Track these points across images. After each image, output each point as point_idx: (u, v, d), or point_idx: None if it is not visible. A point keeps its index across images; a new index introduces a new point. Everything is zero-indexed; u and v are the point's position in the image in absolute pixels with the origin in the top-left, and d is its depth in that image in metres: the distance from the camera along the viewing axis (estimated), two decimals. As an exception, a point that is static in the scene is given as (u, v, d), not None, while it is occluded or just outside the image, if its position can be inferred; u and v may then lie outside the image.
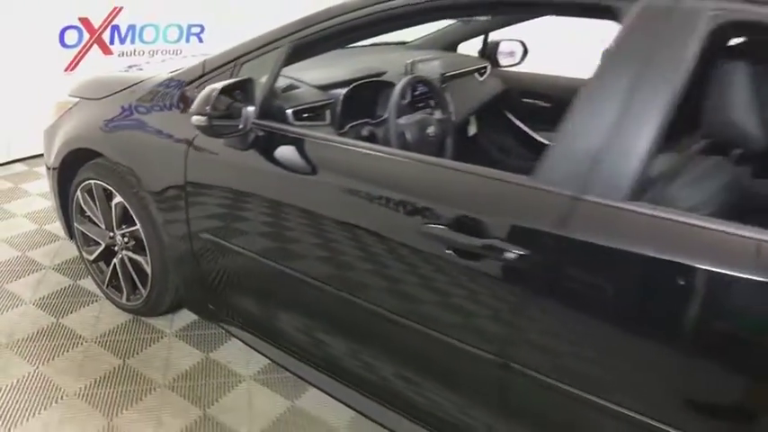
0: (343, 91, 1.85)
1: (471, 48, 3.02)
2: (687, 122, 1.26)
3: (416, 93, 2.14)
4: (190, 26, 4.18)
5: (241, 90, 1.50)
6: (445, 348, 1.32)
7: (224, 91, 1.44)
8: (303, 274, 1.55)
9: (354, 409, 1.61)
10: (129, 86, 1.99)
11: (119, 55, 3.85)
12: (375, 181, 1.38)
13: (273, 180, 1.57)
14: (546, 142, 2.60)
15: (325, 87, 1.88)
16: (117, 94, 2.01)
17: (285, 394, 1.87)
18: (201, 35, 4.27)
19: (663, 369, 1.07)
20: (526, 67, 2.97)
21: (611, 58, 1.15)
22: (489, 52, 2.89)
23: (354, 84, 1.87)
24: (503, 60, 2.91)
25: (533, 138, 2.76)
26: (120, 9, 3.76)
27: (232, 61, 1.68)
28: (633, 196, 1.07)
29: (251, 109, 1.52)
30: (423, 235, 1.26)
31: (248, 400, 1.84)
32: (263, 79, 1.57)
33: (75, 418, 1.73)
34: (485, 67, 2.81)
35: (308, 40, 1.54)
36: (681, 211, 1.05)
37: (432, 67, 2.34)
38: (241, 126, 1.50)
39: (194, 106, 1.44)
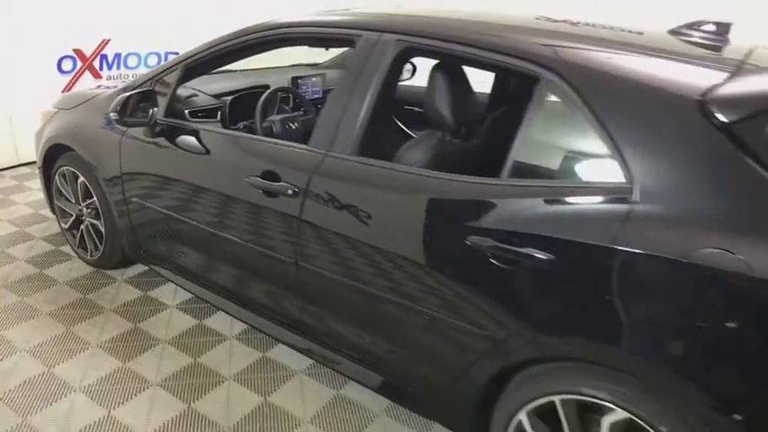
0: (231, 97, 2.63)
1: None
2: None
3: (297, 99, 2.91)
4: (167, 53, 5.02)
5: (146, 97, 2.28)
6: (270, 259, 2.05)
7: (129, 98, 2.21)
8: (197, 221, 2.30)
9: (238, 318, 2.34)
10: (90, 98, 2.78)
11: (107, 78, 4.70)
12: (234, 154, 2.14)
13: (173, 158, 2.34)
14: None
15: (218, 96, 2.65)
16: (82, 104, 2.81)
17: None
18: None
19: (390, 261, 1.74)
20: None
21: (347, 69, 1.90)
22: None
23: (238, 93, 2.65)
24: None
25: (410, 135, 3.48)
26: (108, 41, 4.63)
27: (150, 79, 2.46)
28: (357, 153, 1.80)
29: (156, 109, 2.30)
30: (247, 185, 2.01)
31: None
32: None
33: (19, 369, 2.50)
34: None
35: (193, 64, 2.32)
36: (389, 162, 1.77)
37: (313, 81, 3.13)
38: (147, 121, 2.28)
39: (111, 106, 2.23)
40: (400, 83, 3.63)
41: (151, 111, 2.30)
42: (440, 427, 1.95)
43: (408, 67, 3.74)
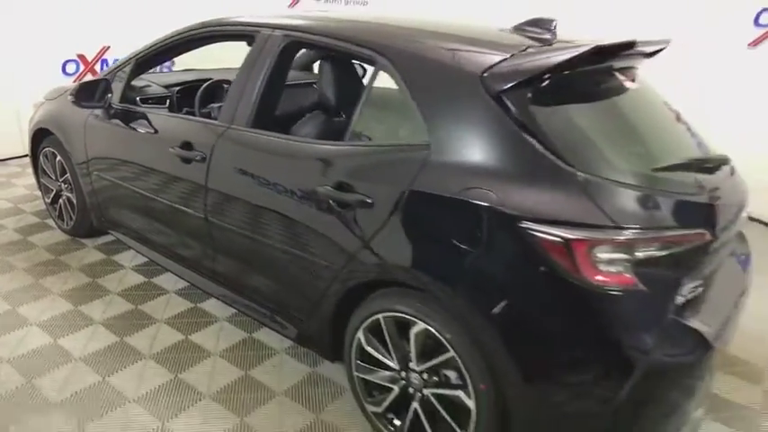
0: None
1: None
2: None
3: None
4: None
5: (101, 85, 2.74)
6: (189, 217, 2.47)
7: (85, 84, 2.68)
8: (139, 189, 2.74)
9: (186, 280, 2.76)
10: (68, 90, 3.27)
11: (106, 80, 5.24)
12: (165, 130, 2.58)
13: (123, 136, 2.79)
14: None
15: (168, 86, 3.11)
16: (62, 95, 3.30)
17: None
18: (172, 68, 5.63)
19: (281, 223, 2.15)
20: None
21: (248, 57, 2.31)
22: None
23: (183, 85, 3.10)
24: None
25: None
26: (108, 47, 5.18)
27: (111, 71, 2.92)
28: (252, 125, 2.21)
29: (110, 95, 2.76)
30: (171, 154, 2.43)
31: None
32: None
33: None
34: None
35: (143, 59, 2.79)
36: (275, 133, 2.17)
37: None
38: (101, 104, 2.74)
39: (71, 91, 2.69)
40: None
41: (106, 96, 2.76)
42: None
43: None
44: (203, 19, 2.55)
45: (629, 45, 1.77)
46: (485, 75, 1.70)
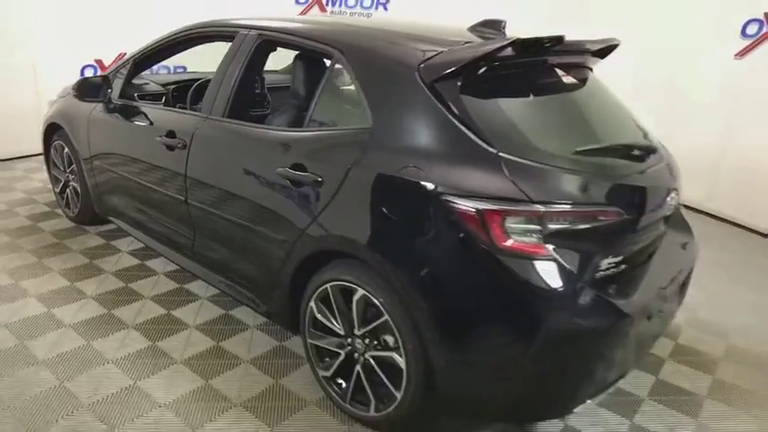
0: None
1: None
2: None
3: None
4: (176, 67, 5.87)
5: (103, 81, 3.01)
6: (172, 200, 2.70)
7: (85, 80, 2.95)
8: (132, 176, 2.98)
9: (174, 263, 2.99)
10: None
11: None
12: (155, 121, 2.82)
13: (120, 128, 3.05)
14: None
15: (165, 85, 3.37)
16: (70, 93, 3.59)
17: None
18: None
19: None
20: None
21: (226, 56, 2.54)
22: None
23: (177, 84, 3.35)
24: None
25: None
26: (124, 54, 5.50)
27: (113, 71, 3.20)
28: (227, 116, 2.43)
29: (110, 90, 3.03)
30: (157, 143, 2.67)
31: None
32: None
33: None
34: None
35: (140, 59, 3.05)
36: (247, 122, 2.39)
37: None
38: (102, 99, 3.01)
39: (72, 86, 2.96)
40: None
41: (106, 92, 3.02)
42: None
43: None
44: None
45: (556, 40, 1.93)
46: (421, 65, 1.89)
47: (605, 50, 2.36)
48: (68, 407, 2.11)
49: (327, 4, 6.21)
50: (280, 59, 3.47)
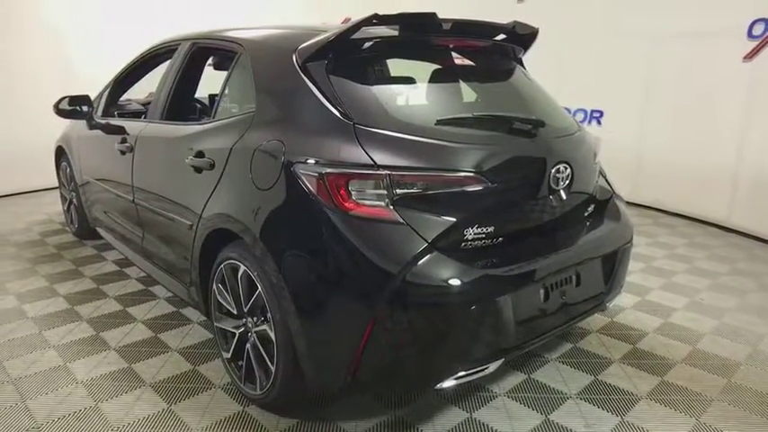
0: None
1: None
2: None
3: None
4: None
5: (83, 100, 3.34)
6: (125, 201, 2.91)
7: (63, 98, 3.28)
8: (107, 185, 3.25)
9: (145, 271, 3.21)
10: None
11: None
12: (120, 132, 3.08)
13: (98, 141, 3.34)
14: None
15: (145, 104, 3.66)
16: (75, 119, 3.99)
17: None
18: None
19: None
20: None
21: (167, 67, 2.77)
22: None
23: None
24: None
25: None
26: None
27: (104, 90, 3.53)
28: (164, 118, 2.64)
29: (90, 108, 3.35)
30: (116, 149, 2.92)
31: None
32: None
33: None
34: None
35: (119, 80, 3.37)
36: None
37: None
38: (82, 115, 3.33)
39: (58, 104, 3.30)
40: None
41: (86, 109, 3.34)
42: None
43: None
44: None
45: (428, 17, 1.96)
46: (298, 50, 1.99)
47: (526, 39, 2.36)
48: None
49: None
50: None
